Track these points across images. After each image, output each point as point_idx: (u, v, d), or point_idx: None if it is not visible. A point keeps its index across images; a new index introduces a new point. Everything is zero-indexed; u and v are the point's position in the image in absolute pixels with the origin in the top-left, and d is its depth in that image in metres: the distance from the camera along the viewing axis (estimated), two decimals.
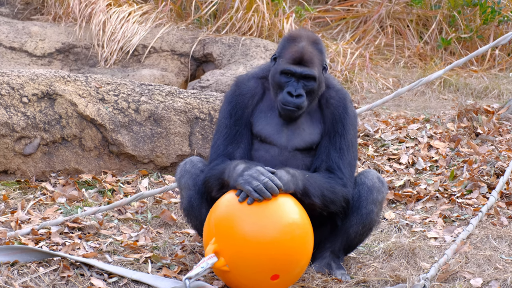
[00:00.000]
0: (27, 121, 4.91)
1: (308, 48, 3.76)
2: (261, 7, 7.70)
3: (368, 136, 5.91)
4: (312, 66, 3.74)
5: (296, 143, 3.81)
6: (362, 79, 7.58)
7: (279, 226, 3.47)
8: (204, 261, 3.46)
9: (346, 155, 3.79)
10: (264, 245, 3.45)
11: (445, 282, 3.85)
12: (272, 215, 3.48)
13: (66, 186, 4.88)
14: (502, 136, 5.86)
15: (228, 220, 3.49)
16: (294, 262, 3.54)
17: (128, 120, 5.14)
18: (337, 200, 3.74)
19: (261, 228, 3.45)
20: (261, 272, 3.49)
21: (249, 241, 3.44)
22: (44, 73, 5.09)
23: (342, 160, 3.78)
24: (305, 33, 3.82)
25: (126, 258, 3.90)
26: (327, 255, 3.92)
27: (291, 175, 3.60)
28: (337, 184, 3.73)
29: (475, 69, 8.27)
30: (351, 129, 3.82)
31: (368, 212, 3.85)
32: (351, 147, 3.81)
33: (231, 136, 3.81)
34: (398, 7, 8.86)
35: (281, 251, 3.47)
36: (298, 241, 3.52)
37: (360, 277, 3.88)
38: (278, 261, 3.48)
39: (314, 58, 3.75)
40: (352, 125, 3.84)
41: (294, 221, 3.51)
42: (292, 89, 3.73)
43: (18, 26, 7.47)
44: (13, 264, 3.70)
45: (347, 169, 3.79)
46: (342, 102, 3.83)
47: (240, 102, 3.84)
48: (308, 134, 3.82)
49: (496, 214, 4.73)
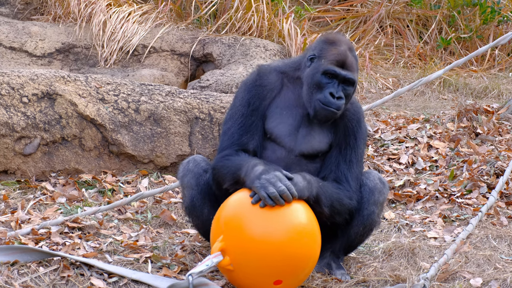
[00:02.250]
0: (27, 121, 4.92)
1: (350, 53, 3.77)
2: (260, 7, 7.70)
3: (368, 136, 5.91)
4: (354, 71, 3.75)
5: (304, 149, 3.79)
6: (362, 79, 7.58)
7: (288, 231, 3.46)
8: (209, 259, 3.45)
9: (355, 168, 3.80)
10: (271, 248, 3.44)
11: (445, 282, 3.85)
12: (283, 220, 3.47)
13: (66, 186, 4.88)
14: (502, 136, 5.87)
15: (238, 219, 3.48)
16: (299, 269, 3.53)
17: (128, 120, 5.14)
18: (343, 212, 3.75)
19: (270, 232, 3.44)
20: (265, 276, 3.49)
21: (256, 243, 3.43)
22: (44, 73, 5.09)
23: (351, 173, 3.78)
24: (344, 39, 3.84)
25: (126, 258, 3.90)
26: (327, 255, 3.91)
27: (307, 182, 3.59)
28: (344, 196, 3.74)
29: (475, 69, 8.27)
30: (362, 144, 3.84)
31: (369, 213, 3.85)
32: (360, 161, 3.83)
33: (247, 126, 3.76)
34: (398, 7, 8.87)
35: (287, 256, 3.46)
36: (305, 248, 3.51)
37: (360, 277, 3.88)
38: (283, 266, 3.47)
39: (354, 64, 3.77)
40: (363, 139, 3.86)
41: (303, 228, 3.50)
42: (334, 91, 3.71)
43: (18, 26, 7.47)
44: (13, 264, 3.70)
45: (354, 182, 3.79)
46: (356, 116, 3.83)
47: (260, 93, 3.80)
48: (317, 142, 3.81)
49: (496, 214, 4.73)
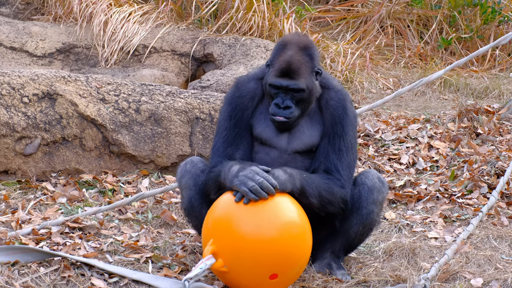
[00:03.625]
0: (28, 121, 4.92)
1: (296, 57, 3.70)
2: (261, 7, 7.70)
3: (368, 136, 5.91)
4: (299, 77, 3.69)
5: (296, 146, 3.80)
6: (362, 79, 7.58)
7: (276, 225, 3.47)
8: (202, 262, 3.46)
9: (345, 156, 3.77)
10: (261, 244, 3.44)
11: (445, 282, 3.85)
12: (269, 214, 3.48)
13: (67, 186, 4.88)
14: (503, 136, 5.87)
15: (225, 221, 3.49)
16: (293, 261, 3.54)
17: (129, 120, 5.14)
18: (335, 201, 3.72)
19: (258, 228, 3.45)
20: (260, 272, 3.49)
21: (246, 241, 3.44)
22: (45, 73, 5.09)
23: (341, 162, 3.75)
24: (296, 39, 3.76)
25: (127, 258, 3.90)
26: (327, 255, 3.91)
27: (289, 175, 3.59)
28: (335, 185, 3.72)
29: (476, 69, 8.27)
30: (350, 130, 3.80)
31: (369, 212, 3.84)
32: (350, 148, 3.79)
33: (231, 138, 3.80)
34: (399, 7, 8.86)
35: (279, 250, 3.47)
36: (296, 240, 3.52)
37: (361, 277, 3.88)
38: (276, 260, 3.48)
39: (301, 67, 3.70)
40: (352, 126, 3.81)
41: (291, 220, 3.51)
42: (280, 101, 3.70)
43: (19, 26, 7.47)
44: (13, 264, 3.70)
45: (345, 170, 3.76)
46: (341, 103, 3.80)
47: (240, 103, 3.83)
48: (308, 137, 3.80)
49: (497, 214, 4.73)
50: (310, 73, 3.73)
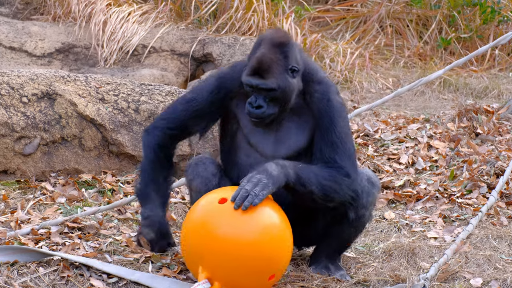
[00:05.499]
0: (27, 121, 4.91)
1: (268, 55, 3.60)
2: (261, 7, 7.70)
3: (368, 136, 5.91)
4: (269, 76, 3.59)
5: (283, 152, 3.72)
6: (362, 79, 7.58)
7: (256, 228, 3.44)
8: (198, 285, 3.46)
9: (341, 147, 3.64)
10: (254, 253, 3.43)
11: (445, 282, 3.85)
12: (249, 221, 3.44)
13: (66, 186, 4.87)
14: (502, 136, 5.87)
15: (210, 244, 3.44)
16: (281, 257, 3.53)
17: (128, 120, 5.14)
18: (340, 190, 3.60)
19: (242, 236, 3.42)
20: (259, 281, 3.50)
21: (238, 258, 3.42)
22: (44, 73, 5.08)
23: (338, 153, 3.64)
24: (270, 36, 3.66)
25: (126, 258, 3.90)
26: (323, 258, 3.91)
27: (281, 166, 3.50)
28: (338, 174, 3.60)
29: (475, 69, 8.27)
30: (339, 121, 3.67)
31: (360, 216, 3.82)
32: (343, 138, 3.66)
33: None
34: (398, 7, 8.86)
35: (270, 256, 3.46)
36: (280, 237, 3.50)
37: (360, 277, 3.88)
38: (269, 265, 3.48)
39: (272, 66, 3.60)
40: (340, 116, 3.68)
41: (270, 224, 3.48)
42: (253, 100, 3.62)
43: (18, 26, 7.47)
44: (13, 264, 3.70)
45: (345, 160, 3.64)
46: (325, 95, 3.68)
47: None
48: (294, 141, 3.72)
49: (496, 214, 4.73)
50: (284, 71, 3.62)
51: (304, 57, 3.77)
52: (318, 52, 7.65)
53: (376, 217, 4.74)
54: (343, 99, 3.86)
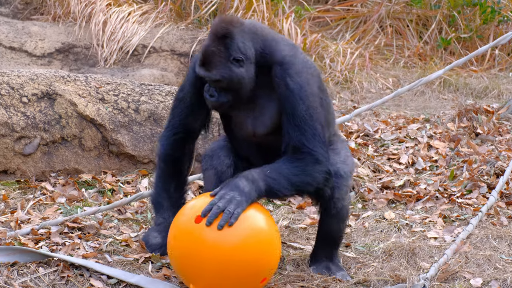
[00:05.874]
0: (27, 121, 4.91)
1: (210, 48, 3.64)
2: (260, 7, 7.70)
3: (368, 136, 5.91)
4: (212, 68, 3.63)
5: (260, 130, 3.76)
6: (362, 79, 7.58)
7: (240, 233, 3.45)
8: None
9: (307, 129, 3.64)
10: (242, 265, 3.45)
11: (445, 282, 3.85)
12: (234, 234, 3.45)
13: (66, 186, 4.87)
14: (502, 136, 5.87)
15: (196, 262, 3.47)
16: (269, 260, 3.55)
17: (128, 120, 5.14)
18: (312, 180, 3.63)
19: (228, 245, 3.43)
20: (251, 282, 3.51)
21: (227, 268, 3.44)
22: (44, 73, 5.08)
23: (305, 136, 3.64)
24: (214, 27, 3.69)
25: (126, 258, 3.90)
26: (324, 259, 3.94)
27: (251, 181, 3.53)
28: (307, 164, 3.62)
29: (475, 69, 8.27)
30: (299, 104, 3.65)
31: (339, 210, 3.86)
32: (308, 120, 3.65)
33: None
34: (398, 7, 8.86)
35: (257, 258, 3.48)
36: (267, 240, 3.52)
37: (360, 277, 3.88)
38: (260, 267, 3.50)
39: (214, 59, 3.63)
40: (301, 98, 3.65)
41: (255, 231, 3.50)
42: (207, 88, 3.70)
43: (18, 26, 7.47)
44: (13, 264, 3.70)
45: (312, 142, 3.64)
46: (283, 80, 3.67)
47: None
48: (268, 118, 3.75)
49: (496, 214, 4.73)
50: (226, 62, 3.63)
51: (262, 39, 3.73)
52: (318, 52, 7.65)
53: (376, 217, 4.74)
54: (315, 74, 3.78)
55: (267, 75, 3.71)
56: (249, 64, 3.68)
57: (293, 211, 4.80)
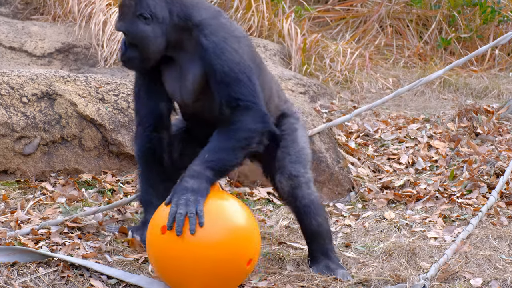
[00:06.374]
0: (27, 121, 4.91)
1: (125, 1, 3.74)
2: (260, 7, 7.69)
3: (368, 136, 5.91)
4: (121, 20, 3.74)
5: (186, 97, 3.80)
6: (362, 79, 7.58)
7: (220, 236, 3.48)
8: None
9: (233, 82, 3.63)
10: (228, 259, 3.48)
11: (445, 282, 3.85)
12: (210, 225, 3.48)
13: (66, 186, 4.87)
14: (502, 136, 5.87)
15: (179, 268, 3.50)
16: (255, 240, 3.59)
17: (128, 120, 5.14)
18: (250, 141, 3.63)
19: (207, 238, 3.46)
20: (238, 264, 3.53)
21: (211, 258, 3.46)
22: (44, 73, 5.08)
23: (233, 91, 3.64)
24: None
25: (126, 258, 3.90)
26: (320, 257, 3.94)
27: (196, 176, 3.54)
28: (240, 128, 3.61)
29: (475, 69, 8.27)
30: (216, 59, 3.65)
31: (307, 207, 3.88)
32: (229, 72, 3.64)
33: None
34: (398, 7, 8.86)
35: (239, 241, 3.52)
36: (245, 227, 3.55)
37: (361, 277, 3.88)
38: (243, 249, 3.53)
39: (124, 11, 3.74)
40: (216, 54, 3.66)
41: (227, 218, 3.53)
42: (122, 42, 3.79)
43: (18, 26, 7.47)
44: (13, 264, 3.70)
45: (241, 93, 3.64)
46: (199, 39, 3.70)
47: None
48: (190, 83, 3.78)
49: (496, 214, 4.73)
50: (133, 17, 3.73)
51: (181, 3, 3.77)
52: (318, 52, 7.65)
53: (376, 217, 4.74)
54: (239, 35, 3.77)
55: (189, 40, 3.75)
56: (158, 24, 3.73)
57: None
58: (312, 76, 7.33)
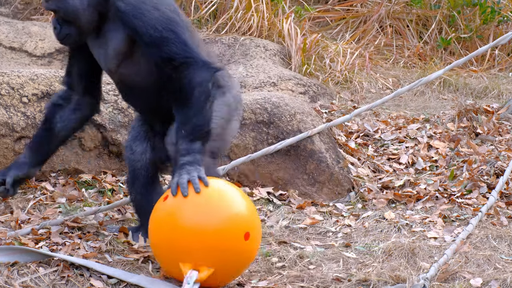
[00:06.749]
0: (27, 121, 4.91)
1: None
2: (260, 7, 7.69)
3: (367, 136, 5.91)
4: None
5: (110, 64, 3.84)
6: (361, 79, 7.58)
7: (221, 218, 3.53)
8: (186, 279, 3.49)
9: (160, 43, 3.64)
10: (224, 236, 3.51)
11: (445, 282, 3.85)
12: (212, 204, 3.55)
13: (66, 186, 4.87)
14: (502, 136, 5.87)
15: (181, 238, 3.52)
16: (251, 216, 3.63)
17: (128, 120, 5.14)
18: (207, 93, 3.64)
19: (208, 225, 3.51)
20: (235, 240, 3.54)
21: (213, 235, 3.49)
22: (44, 73, 5.09)
23: (163, 50, 3.63)
24: None
25: (126, 258, 3.90)
26: None
27: (186, 152, 3.59)
28: (190, 88, 3.60)
29: (475, 69, 8.27)
30: (136, 21, 3.66)
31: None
32: (155, 33, 3.64)
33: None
34: (398, 7, 8.86)
35: (233, 213, 3.57)
36: (239, 201, 3.60)
37: (361, 277, 3.88)
38: (239, 221, 3.57)
39: None
40: (135, 16, 3.66)
41: (226, 191, 3.61)
42: (53, 21, 3.80)
43: (18, 26, 7.47)
44: (13, 264, 3.70)
45: (173, 52, 3.64)
46: (116, 5, 3.72)
47: None
48: (112, 50, 3.80)
49: (496, 214, 4.73)
50: None
51: None
52: (318, 52, 7.65)
53: (376, 217, 4.74)
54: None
55: (111, 8, 3.76)
56: None
57: (293, 211, 4.80)
58: (312, 76, 7.33)
